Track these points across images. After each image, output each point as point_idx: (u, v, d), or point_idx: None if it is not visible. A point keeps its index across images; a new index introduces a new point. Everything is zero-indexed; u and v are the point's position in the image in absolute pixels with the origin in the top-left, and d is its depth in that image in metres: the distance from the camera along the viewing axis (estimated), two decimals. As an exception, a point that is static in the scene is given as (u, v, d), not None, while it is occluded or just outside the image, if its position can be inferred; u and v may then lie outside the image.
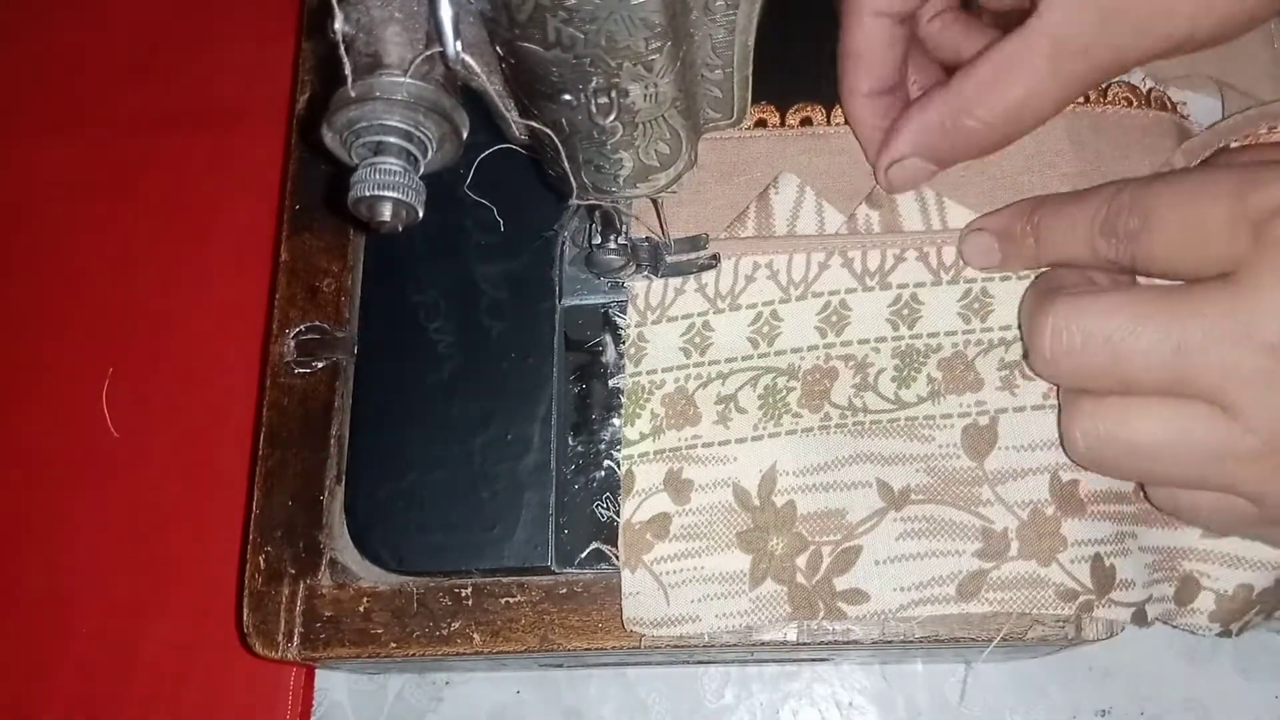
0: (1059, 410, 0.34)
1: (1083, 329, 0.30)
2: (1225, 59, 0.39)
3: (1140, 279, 0.33)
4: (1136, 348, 0.29)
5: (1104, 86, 0.38)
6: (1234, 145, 0.35)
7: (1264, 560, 0.35)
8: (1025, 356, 0.34)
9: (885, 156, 0.37)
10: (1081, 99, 0.37)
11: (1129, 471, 0.32)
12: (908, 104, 0.37)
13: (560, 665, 0.46)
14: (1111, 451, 0.31)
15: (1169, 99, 0.38)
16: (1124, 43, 0.32)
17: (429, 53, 0.27)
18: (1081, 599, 0.33)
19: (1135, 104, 0.38)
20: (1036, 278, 0.35)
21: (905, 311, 0.36)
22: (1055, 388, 0.35)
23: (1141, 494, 0.35)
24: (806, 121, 0.40)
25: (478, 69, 0.28)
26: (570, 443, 0.38)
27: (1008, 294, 0.36)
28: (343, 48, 0.27)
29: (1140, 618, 0.34)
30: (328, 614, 0.38)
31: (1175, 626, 0.36)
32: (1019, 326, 0.35)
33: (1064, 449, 0.33)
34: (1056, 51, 0.32)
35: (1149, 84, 0.39)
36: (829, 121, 0.39)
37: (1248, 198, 0.28)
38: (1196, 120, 0.39)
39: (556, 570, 0.37)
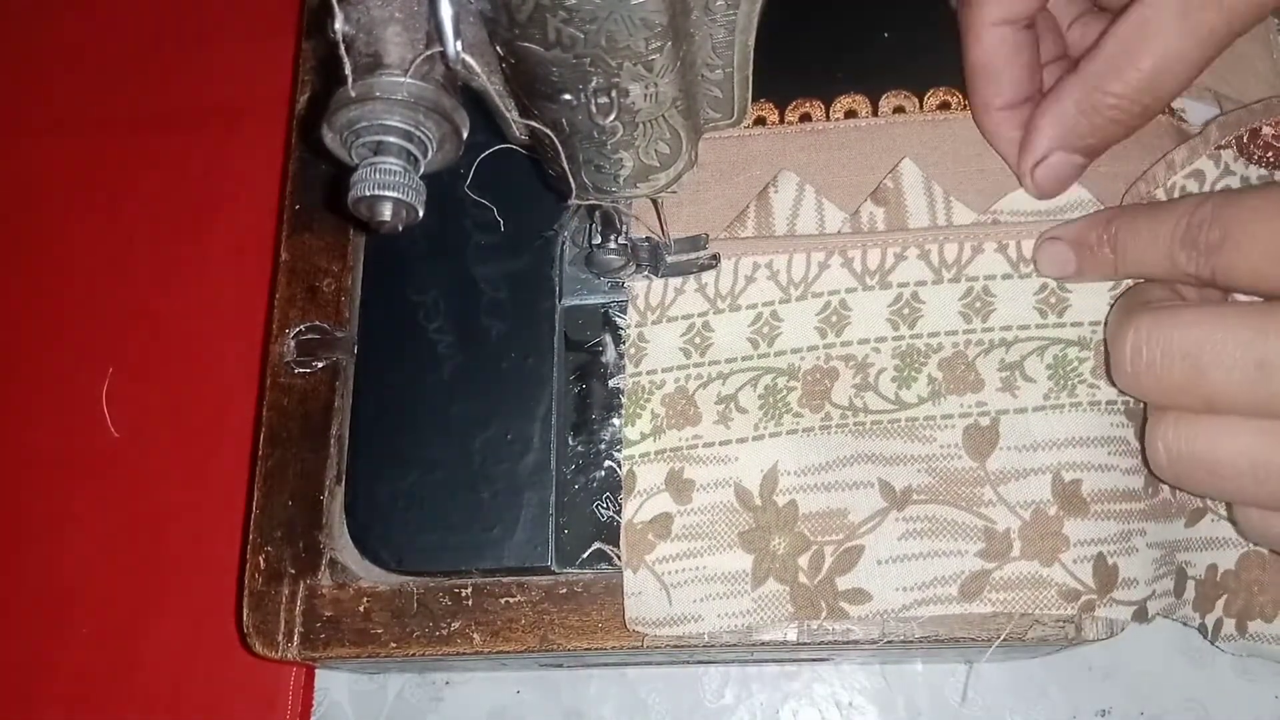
0: (1064, 410, 0.34)
1: (1162, 344, 0.30)
2: (1223, 70, 0.39)
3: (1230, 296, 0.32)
4: (1218, 363, 0.29)
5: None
6: (1265, 129, 0.35)
7: (1229, 539, 0.35)
8: (1108, 370, 0.34)
9: (1027, 158, 0.35)
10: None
11: (1212, 490, 0.31)
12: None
13: (560, 665, 0.46)
14: (1193, 469, 0.30)
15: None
16: None
17: (429, 53, 0.27)
18: (1084, 598, 0.33)
19: None
20: (1125, 292, 0.35)
21: (906, 311, 0.36)
22: (1055, 389, 0.35)
23: (1150, 492, 0.35)
24: (806, 118, 0.39)
25: (478, 69, 0.28)
26: (570, 443, 0.38)
27: (1009, 293, 0.36)
28: (343, 48, 0.27)
29: (1141, 614, 0.34)
30: (328, 614, 0.38)
31: (1175, 620, 0.37)
32: (1103, 338, 0.35)
33: (1146, 463, 0.33)
34: (1187, 6, 0.30)
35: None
36: (828, 117, 0.39)
37: None
38: (1195, 125, 0.39)
39: (556, 570, 0.37)
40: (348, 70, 0.27)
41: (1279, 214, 0.29)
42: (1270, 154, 0.35)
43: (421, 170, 0.28)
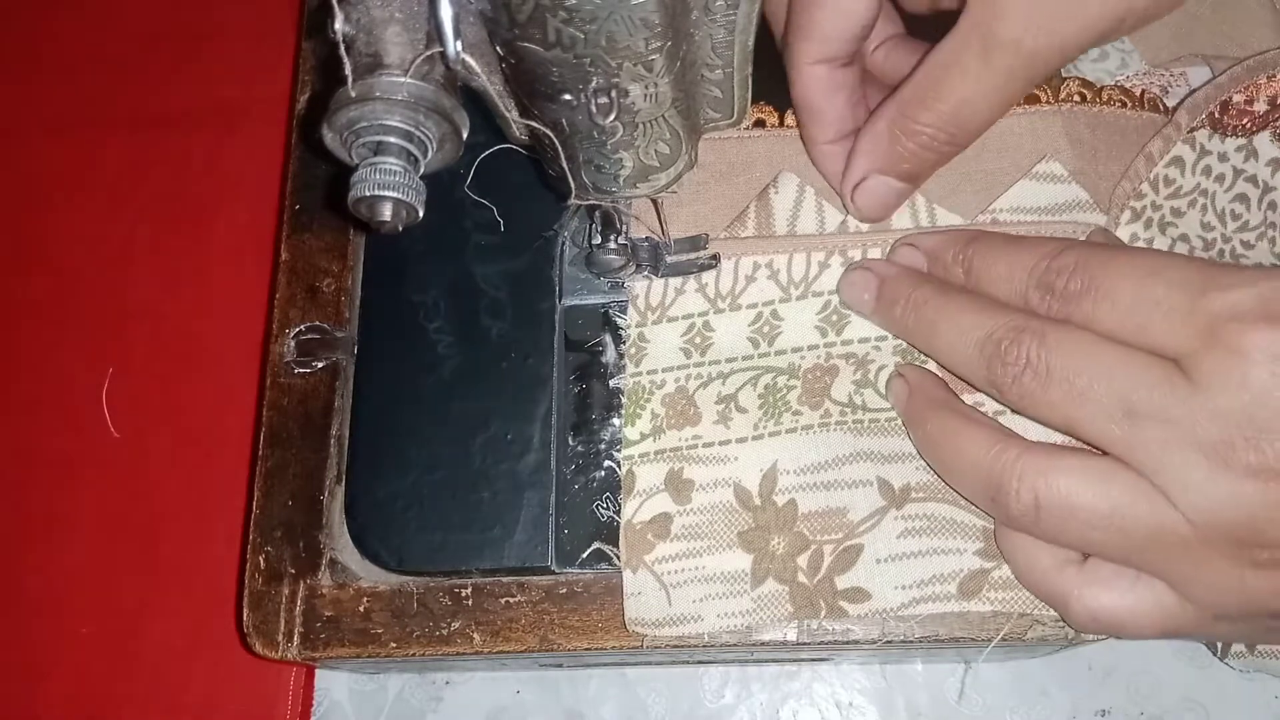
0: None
1: (1046, 360, 0.30)
2: (1228, 23, 0.39)
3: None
4: (1091, 394, 0.29)
5: (1099, 88, 0.38)
6: (1235, 97, 0.35)
7: None
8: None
9: (847, 182, 0.36)
10: (1078, 98, 0.38)
11: (1066, 534, 0.30)
12: None
13: (560, 665, 0.46)
14: (1049, 513, 0.30)
15: (1161, 101, 0.39)
16: (1056, 29, 0.31)
17: (429, 53, 0.27)
18: (1082, 599, 0.33)
19: (1129, 105, 0.38)
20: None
21: (905, 311, 0.36)
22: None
23: None
24: (806, 121, 0.39)
25: (478, 69, 0.28)
26: (570, 443, 0.38)
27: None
28: (343, 48, 0.27)
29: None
30: (328, 614, 0.38)
31: None
32: None
33: (994, 507, 0.32)
34: (986, 47, 0.31)
35: (1143, 70, 0.39)
36: (828, 121, 0.39)
37: (1207, 292, 0.28)
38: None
39: (556, 570, 0.37)
40: (348, 70, 0.27)
41: (1146, 278, 0.29)
42: (1245, 120, 0.35)
43: (421, 170, 0.28)
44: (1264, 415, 0.27)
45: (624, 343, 0.38)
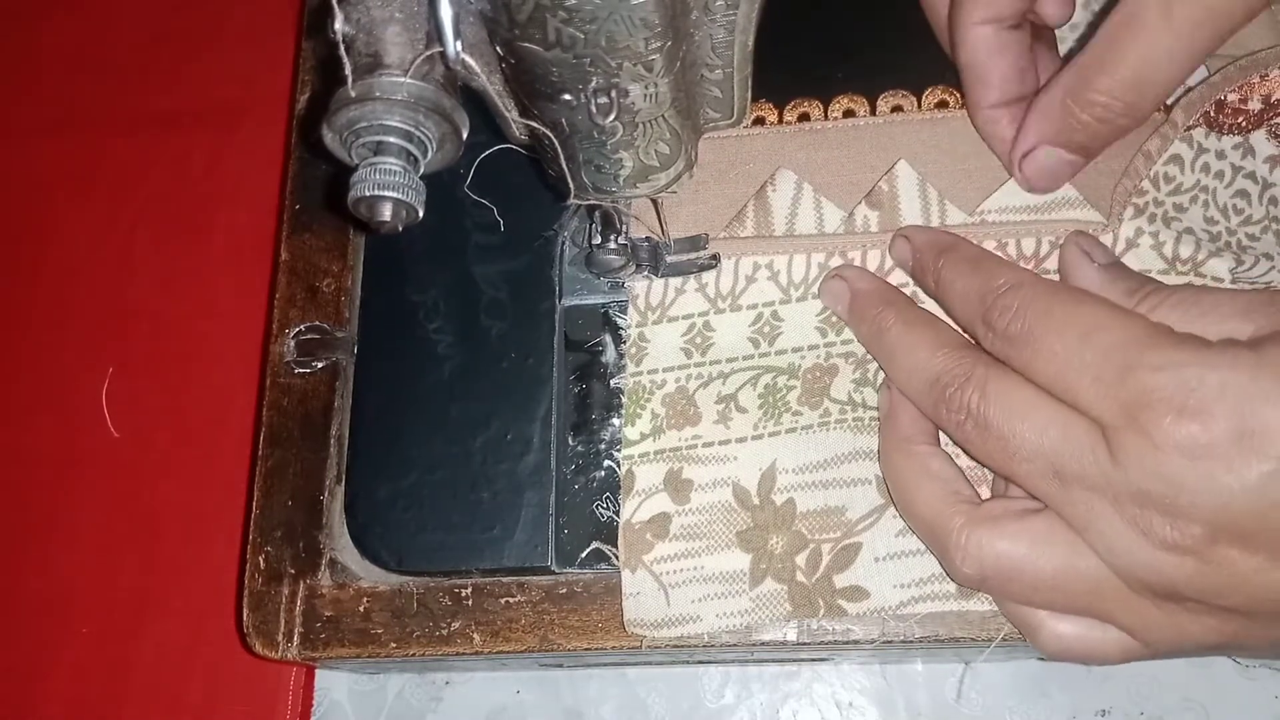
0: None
1: (986, 415, 0.30)
2: None
3: None
4: (1022, 454, 0.29)
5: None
6: (1229, 96, 0.35)
7: None
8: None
9: (1016, 150, 0.35)
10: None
11: (1012, 596, 0.31)
12: None
13: (560, 665, 0.46)
14: (994, 581, 0.31)
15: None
16: None
17: (429, 53, 0.27)
18: (1081, 599, 0.33)
19: None
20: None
21: (905, 311, 0.36)
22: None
23: None
24: (804, 117, 0.40)
25: (478, 69, 0.28)
26: (570, 443, 0.38)
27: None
28: (343, 48, 0.27)
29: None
30: (328, 614, 0.38)
31: None
32: None
33: (943, 563, 0.32)
34: (1168, 1, 0.30)
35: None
36: (826, 117, 0.39)
37: (1132, 371, 0.27)
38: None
39: (556, 570, 0.37)
40: (348, 70, 0.27)
41: (1077, 340, 0.29)
42: (1240, 119, 0.35)
43: (421, 170, 0.28)
44: (1179, 499, 0.27)
45: (624, 343, 0.38)
